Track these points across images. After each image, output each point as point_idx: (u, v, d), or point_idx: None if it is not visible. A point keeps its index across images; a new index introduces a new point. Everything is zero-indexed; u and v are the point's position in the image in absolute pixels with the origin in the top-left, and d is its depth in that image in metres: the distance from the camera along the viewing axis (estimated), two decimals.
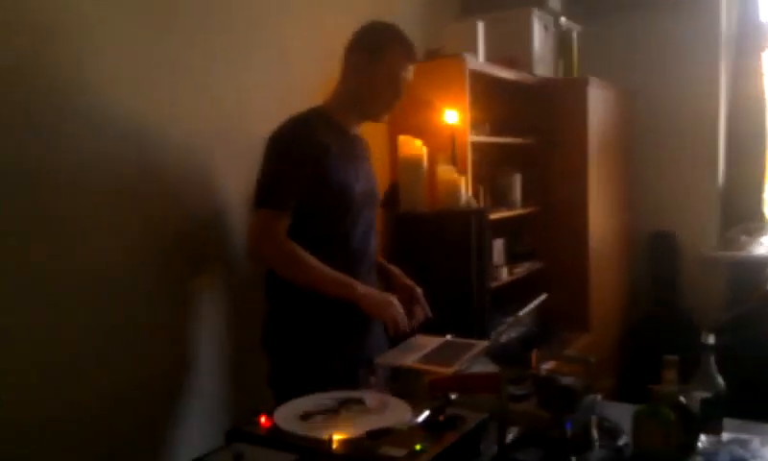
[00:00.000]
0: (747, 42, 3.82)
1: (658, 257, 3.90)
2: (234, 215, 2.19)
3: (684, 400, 1.42)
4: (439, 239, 2.52)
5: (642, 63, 3.83)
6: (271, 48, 2.36)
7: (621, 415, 1.50)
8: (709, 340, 1.56)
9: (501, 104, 3.15)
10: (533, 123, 3.33)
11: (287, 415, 1.34)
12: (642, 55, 3.83)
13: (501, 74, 3.00)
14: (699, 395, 1.49)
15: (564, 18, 3.49)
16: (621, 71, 3.76)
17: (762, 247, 3.71)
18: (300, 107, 1.96)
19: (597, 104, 3.38)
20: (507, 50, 3.15)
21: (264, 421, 1.31)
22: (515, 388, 1.42)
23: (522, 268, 3.22)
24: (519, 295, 2.73)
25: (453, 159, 2.62)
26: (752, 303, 3.50)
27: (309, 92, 2.13)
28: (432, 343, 1.81)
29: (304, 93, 2.13)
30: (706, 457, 1.42)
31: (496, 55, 3.02)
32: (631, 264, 3.92)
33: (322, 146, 1.87)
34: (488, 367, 1.64)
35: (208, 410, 2.15)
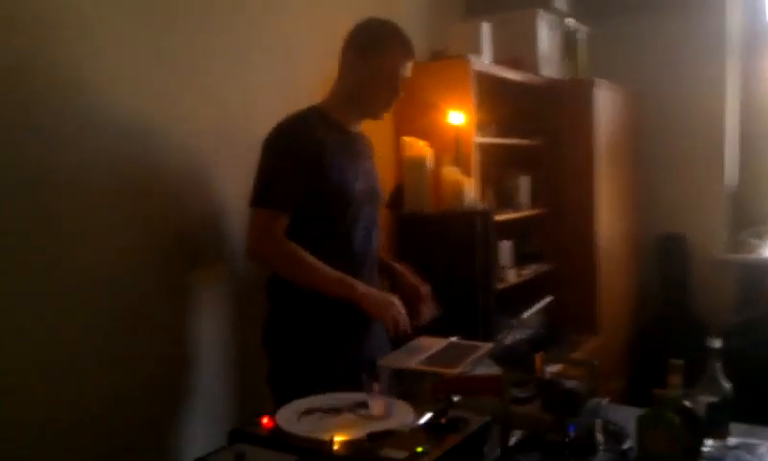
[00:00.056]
0: (756, 43, 3.79)
1: (667, 259, 3.86)
2: (235, 215, 2.17)
3: (689, 404, 1.40)
4: (443, 240, 2.52)
5: (650, 65, 3.80)
6: (274, 48, 2.35)
7: (627, 418, 1.48)
8: (716, 344, 1.53)
9: (508, 105, 3.13)
10: (540, 124, 3.31)
11: (289, 416, 1.34)
12: (650, 56, 3.80)
13: (507, 75, 2.99)
14: (705, 399, 1.46)
15: (571, 19, 3.47)
16: (629, 73, 3.74)
17: None
18: (305, 107, 1.95)
19: (604, 105, 3.36)
20: (512, 51, 3.13)
21: (266, 421, 1.31)
22: (518, 391, 1.41)
23: (530, 270, 3.20)
24: (528, 297, 2.68)
25: (458, 161, 2.60)
26: (762, 306, 3.47)
27: (313, 92, 2.11)
28: (437, 345, 1.80)
29: (308, 93, 2.11)
30: None
31: (502, 56, 3.00)
32: (640, 266, 3.89)
33: (320, 144, 1.85)
34: (492, 369, 1.62)
35: (211, 410, 2.14)
